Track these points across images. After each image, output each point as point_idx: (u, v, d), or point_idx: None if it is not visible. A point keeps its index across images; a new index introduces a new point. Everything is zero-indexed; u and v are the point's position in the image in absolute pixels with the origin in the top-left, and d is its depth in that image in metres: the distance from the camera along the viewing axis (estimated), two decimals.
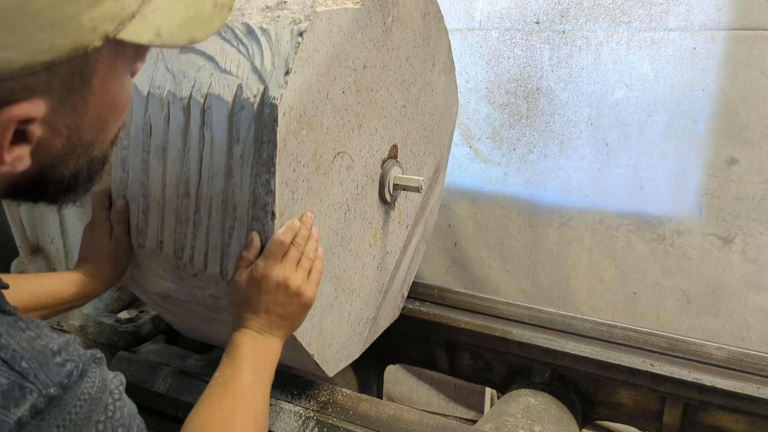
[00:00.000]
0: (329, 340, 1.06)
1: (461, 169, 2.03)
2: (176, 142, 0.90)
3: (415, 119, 1.18)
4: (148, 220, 0.96)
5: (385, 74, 1.03)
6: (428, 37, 1.14)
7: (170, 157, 0.92)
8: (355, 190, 1.03)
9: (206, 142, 0.88)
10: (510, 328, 1.32)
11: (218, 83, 0.85)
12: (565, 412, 1.25)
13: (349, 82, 0.94)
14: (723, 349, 1.21)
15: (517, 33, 1.86)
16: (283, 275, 0.80)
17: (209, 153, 0.88)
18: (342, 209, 1.00)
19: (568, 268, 1.95)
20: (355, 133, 0.99)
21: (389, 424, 1.02)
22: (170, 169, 0.92)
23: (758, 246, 1.70)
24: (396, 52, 1.04)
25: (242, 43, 0.85)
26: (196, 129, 0.88)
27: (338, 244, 1.02)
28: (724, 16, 1.61)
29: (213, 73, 0.86)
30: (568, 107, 1.84)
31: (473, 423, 1.59)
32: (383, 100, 1.04)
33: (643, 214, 1.82)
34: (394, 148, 1.11)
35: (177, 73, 0.89)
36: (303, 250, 0.84)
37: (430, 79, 1.20)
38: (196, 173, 0.89)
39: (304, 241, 0.84)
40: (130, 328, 1.27)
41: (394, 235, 1.21)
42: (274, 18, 0.85)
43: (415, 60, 1.11)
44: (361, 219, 1.07)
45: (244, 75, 0.84)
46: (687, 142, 1.72)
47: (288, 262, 0.82)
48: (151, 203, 0.95)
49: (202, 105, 0.86)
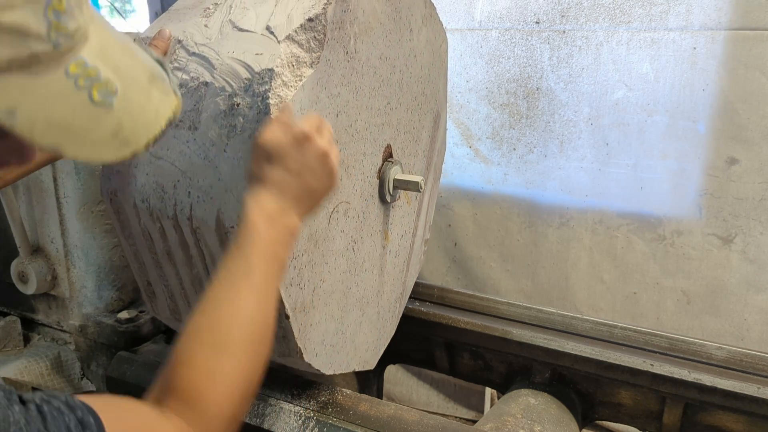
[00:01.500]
0: (365, 346, 1.10)
1: (461, 169, 2.03)
2: (178, 251, 0.94)
3: (403, 102, 1.14)
4: (177, 305, 1.02)
5: (360, 96, 0.99)
6: (398, 10, 1.09)
7: (179, 262, 0.95)
8: (357, 222, 1.04)
9: (206, 253, 0.91)
10: (510, 328, 1.32)
11: (198, 206, 0.86)
12: (565, 412, 1.25)
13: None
14: (723, 349, 1.21)
15: (517, 33, 1.85)
16: (324, 146, 0.74)
17: (211, 261, 0.91)
18: (349, 249, 1.02)
19: (568, 268, 1.95)
20: (345, 177, 0.99)
21: (389, 424, 1.02)
22: (182, 270, 0.96)
23: (758, 246, 1.70)
24: (368, 62, 1.00)
25: (209, 159, 0.86)
26: (192, 244, 0.91)
27: (355, 274, 1.05)
28: (724, 16, 1.61)
29: (190, 192, 0.87)
30: (568, 107, 1.84)
31: (473, 423, 1.59)
32: (365, 121, 1.02)
33: (643, 214, 1.82)
34: (388, 148, 1.11)
35: (156, 187, 0.90)
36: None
37: (410, 48, 1.14)
38: (206, 274, 0.93)
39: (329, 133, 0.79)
40: (130, 328, 1.27)
41: (405, 214, 1.23)
42: (231, 126, 0.84)
43: (389, 48, 1.07)
44: (369, 238, 1.09)
45: (219, 197, 0.85)
46: (687, 142, 1.72)
47: (326, 137, 0.75)
48: (175, 293, 1.01)
49: (191, 226, 0.89)
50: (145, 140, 0.51)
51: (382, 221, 1.12)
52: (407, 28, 1.15)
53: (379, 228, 1.12)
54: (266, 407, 1.06)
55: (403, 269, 1.27)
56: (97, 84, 0.48)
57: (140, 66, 0.53)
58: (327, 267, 0.97)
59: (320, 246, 0.94)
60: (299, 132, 0.73)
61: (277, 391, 1.08)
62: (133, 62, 0.53)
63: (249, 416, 1.05)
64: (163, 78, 0.55)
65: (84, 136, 0.48)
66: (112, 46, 0.51)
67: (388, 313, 1.25)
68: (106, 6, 3.45)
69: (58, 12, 0.44)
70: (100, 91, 0.48)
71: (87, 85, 0.47)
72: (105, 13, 3.49)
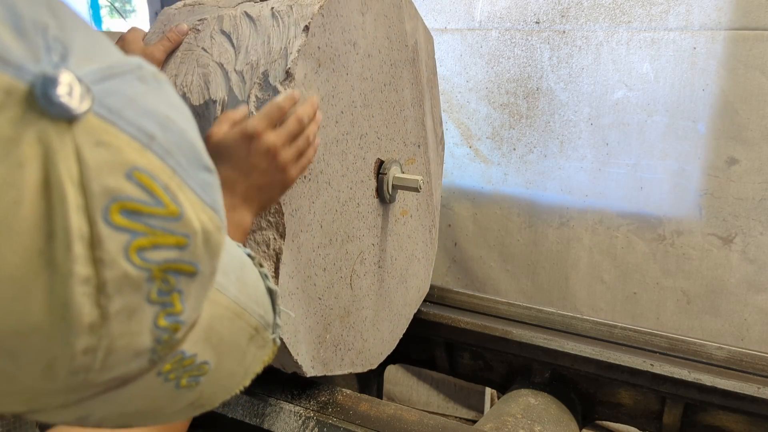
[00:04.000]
0: (388, 338, 1.13)
1: (461, 169, 2.03)
2: None
3: (375, 102, 1.09)
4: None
5: (346, 168, 0.98)
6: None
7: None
8: (375, 266, 1.09)
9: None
10: (510, 328, 1.32)
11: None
12: (565, 412, 1.25)
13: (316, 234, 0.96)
14: (723, 349, 1.21)
15: (517, 33, 1.85)
16: (274, 143, 0.72)
17: None
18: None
19: (568, 268, 1.95)
20: (347, 244, 1.01)
21: (389, 424, 1.02)
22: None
23: (758, 246, 1.70)
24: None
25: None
26: None
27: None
28: (724, 16, 1.61)
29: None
30: (568, 107, 1.84)
31: (473, 423, 1.59)
32: (354, 153, 1.01)
33: (643, 214, 1.82)
34: (378, 162, 1.10)
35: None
36: (304, 127, 0.76)
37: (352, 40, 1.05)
38: None
39: (307, 118, 0.76)
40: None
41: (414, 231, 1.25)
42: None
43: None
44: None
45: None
46: (687, 142, 1.72)
47: (283, 132, 0.74)
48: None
49: None
50: (221, 401, 0.43)
51: (379, 222, 1.12)
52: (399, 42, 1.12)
53: (374, 232, 1.12)
54: (266, 407, 1.06)
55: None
56: (188, 372, 0.38)
57: (247, 323, 0.43)
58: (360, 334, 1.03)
59: (352, 315, 0.98)
60: (245, 129, 0.72)
61: (276, 391, 1.08)
62: (240, 323, 0.42)
63: (249, 416, 1.05)
64: (267, 325, 0.45)
65: (156, 414, 0.40)
66: (221, 315, 0.40)
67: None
68: (106, 6, 3.45)
69: (174, 315, 0.32)
70: (190, 377, 0.38)
71: (177, 375, 0.37)
72: (105, 14, 3.49)
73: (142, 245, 0.29)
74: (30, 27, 0.26)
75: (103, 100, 0.28)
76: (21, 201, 0.25)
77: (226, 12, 0.92)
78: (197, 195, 0.31)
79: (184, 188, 0.30)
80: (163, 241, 0.29)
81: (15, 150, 0.25)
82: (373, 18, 1.00)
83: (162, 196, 0.29)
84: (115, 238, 0.27)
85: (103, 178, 0.27)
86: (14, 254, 0.26)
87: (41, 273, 0.26)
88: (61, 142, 0.26)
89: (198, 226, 0.31)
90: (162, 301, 0.31)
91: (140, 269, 0.29)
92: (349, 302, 1.06)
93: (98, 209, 0.27)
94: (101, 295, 0.28)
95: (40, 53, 0.26)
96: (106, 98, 0.28)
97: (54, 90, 0.26)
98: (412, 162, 1.22)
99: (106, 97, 0.28)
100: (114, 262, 0.28)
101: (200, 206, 0.31)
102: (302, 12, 0.87)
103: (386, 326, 1.22)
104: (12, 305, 0.26)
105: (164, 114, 0.30)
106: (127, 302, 0.29)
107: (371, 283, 1.12)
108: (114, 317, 0.29)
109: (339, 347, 1.06)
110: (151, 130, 0.29)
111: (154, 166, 0.29)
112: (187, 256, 0.31)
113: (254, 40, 0.88)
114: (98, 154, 0.27)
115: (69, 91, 0.26)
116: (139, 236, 0.28)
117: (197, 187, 0.31)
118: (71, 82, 0.26)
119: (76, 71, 0.27)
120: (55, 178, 0.26)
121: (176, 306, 0.32)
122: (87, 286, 0.27)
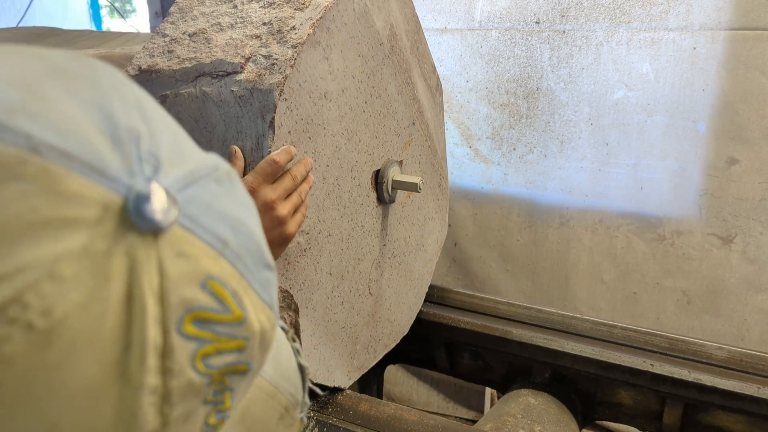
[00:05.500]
0: (414, 302, 1.15)
1: (461, 169, 2.03)
2: None
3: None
4: None
5: (342, 190, 0.96)
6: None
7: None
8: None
9: None
10: (510, 328, 1.32)
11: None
12: (565, 412, 1.25)
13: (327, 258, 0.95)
14: (723, 349, 1.21)
15: (517, 33, 1.85)
16: (271, 197, 0.74)
17: None
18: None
19: (568, 268, 1.95)
20: (358, 266, 1.01)
21: (389, 424, 1.02)
22: None
23: (758, 246, 1.70)
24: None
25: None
26: None
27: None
28: (724, 16, 1.61)
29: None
30: (568, 107, 1.84)
31: (473, 423, 1.59)
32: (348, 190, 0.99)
33: (643, 214, 1.82)
34: (374, 173, 1.07)
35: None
36: (297, 185, 0.77)
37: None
38: None
39: (300, 177, 0.78)
40: None
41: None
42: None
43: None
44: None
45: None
46: (687, 142, 1.72)
47: (279, 188, 0.75)
48: None
49: None
50: None
51: (377, 221, 1.12)
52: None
53: (371, 230, 1.12)
54: None
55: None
56: None
57: (279, 403, 0.43)
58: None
59: (377, 313, 0.99)
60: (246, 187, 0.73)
61: None
62: (272, 403, 0.42)
63: None
64: (296, 404, 0.45)
65: None
66: (257, 397, 0.40)
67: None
68: (106, 6, 3.44)
69: (223, 412, 0.32)
70: None
71: None
72: (105, 14, 3.48)
73: (207, 352, 0.28)
74: (125, 136, 0.26)
75: (186, 209, 0.28)
76: (105, 315, 0.25)
77: (185, 89, 0.86)
78: (258, 295, 0.31)
79: (249, 291, 0.30)
80: (226, 347, 0.29)
81: (106, 264, 0.25)
82: (339, 51, 0.91)
83: (230, 302, 0.29)
84: (185, 347, 0.27)
85: (181, 290, 0.27)
86: (92, 366, 0.25)
87: (115, 384, 0.26)
88: (147, 255, 0.26)
89: (257, 328, 0.31)
90: (215, 400, 0.31)
91: (203, 375, 0.29)
92: (371, 306, 1.06)
93: (173, 320, 0.27)
94: (166, 404, 0.27)
95: (133, 165, 0.26)
96: (188, 206, 0.28)
97: (146, 206, 0.25)
98: (410, 143, 1.18)
99: (188, 206, 0.28)
100: (182, 372, 0.27)
101: (260, 306, 0.31)
102: (264, 100, 0.80)
103: (411, 294, 1.22)
104: (83, 416, 0.26)
105: (236, 216, 0.31)
106: (187, 408, 0.29)
107: (389, 275, 1.11)
108: (173, 423, 0.28)
109: (370, 346, 1.06)
110: (225, 235, 0.29)
111: (226, 273, 0.29)
112: (244, 357, 0.31)
113: (222, 129, 0.84)
114: (179, 265, 0.27)
115: (159, 206, 0.26)
116: (205, 344, 0.28)
117: (259, 287, 0.31)
118: (161, 196, 0.26)
119: (164, 182, 0.27)
120: (138, 291, 0.25)
121: (226, 403, 0.32)
122: (154, 395, 0.27)
